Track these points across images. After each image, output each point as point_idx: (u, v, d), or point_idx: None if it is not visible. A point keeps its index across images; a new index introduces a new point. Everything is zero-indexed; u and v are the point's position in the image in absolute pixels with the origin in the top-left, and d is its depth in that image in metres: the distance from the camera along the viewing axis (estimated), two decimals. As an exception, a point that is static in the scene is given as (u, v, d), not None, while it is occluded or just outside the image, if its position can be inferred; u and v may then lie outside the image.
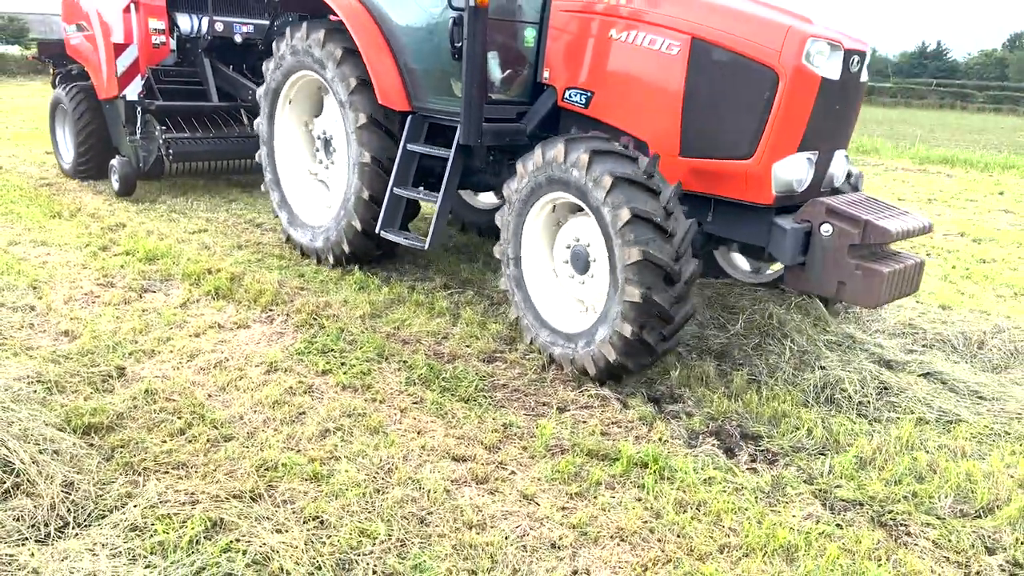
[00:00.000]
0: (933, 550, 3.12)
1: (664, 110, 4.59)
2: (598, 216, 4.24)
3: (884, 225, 4.13)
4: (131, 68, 8.31)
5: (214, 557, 2.71)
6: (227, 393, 4.12)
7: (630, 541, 3.03)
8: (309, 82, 6.40)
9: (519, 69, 5.53)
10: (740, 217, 4.61)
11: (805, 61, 4.14)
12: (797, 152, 4.35)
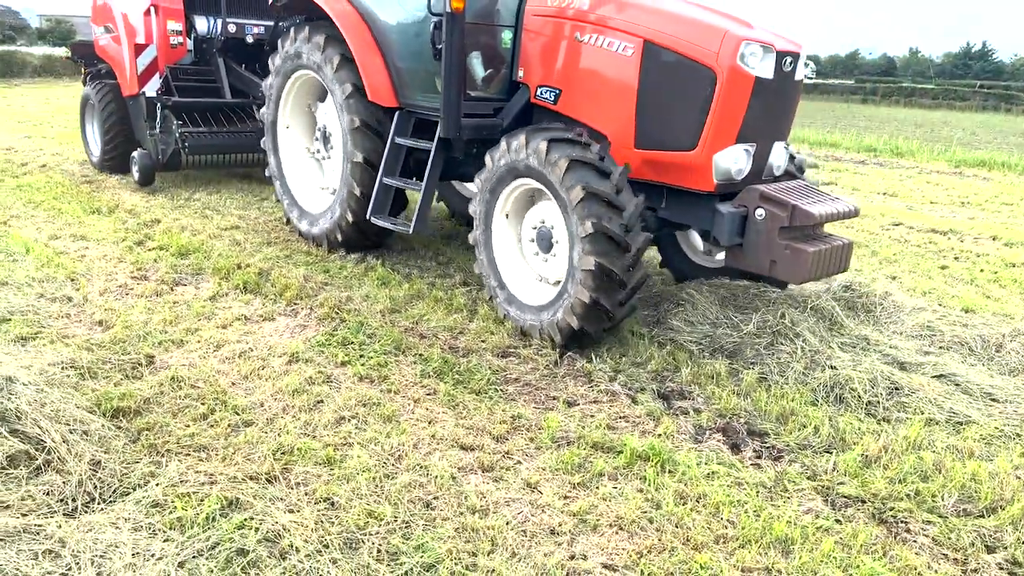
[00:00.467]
0: (932, 547, 3.15)
1: (620, 106, 5.04)
2: (557, 197, 4.75)
3: (809, 209, 4.60)
4: (150, 67, 8.85)
5: (228, 533, 2.86)
6: (249, 381, 4.29)
7: (628, 529, 3.12)
8: (310, 79, 6.85)
9: (497, 68, 5.90)
10: (688, 204, 5.09)
11: (739, 62, 4.59)
12: (735, 144, 4.80)
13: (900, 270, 7.64)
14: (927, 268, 7.73)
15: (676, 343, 5.03)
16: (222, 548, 2.79)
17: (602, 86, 5.14)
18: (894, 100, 64.15)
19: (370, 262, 6.60)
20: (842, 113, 53.47)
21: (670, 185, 5.10)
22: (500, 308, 5.36)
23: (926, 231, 9.62)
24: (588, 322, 4.71)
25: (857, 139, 19.61)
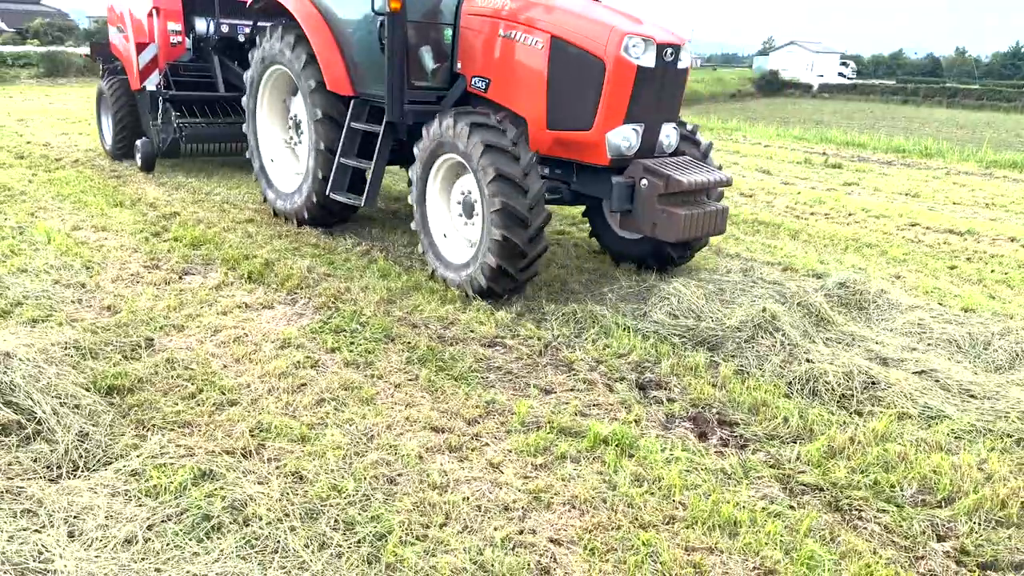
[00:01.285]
0: (882, 534, 3.21)
1: (535, 93, 5.77)
2: (475, 173, 5.52)
3: (680, 178, 5.40)
4: (151, 63, 9.68)
5: (197, 501, 3.04)
6: (240, 364, 4.48)
7: (580, 508, 3.23)
8: (283, 73, 7.58)
9: (439, 61, 6.52)
10: (591, 177, 5.89)
11: (623, 53, 5.33)
12: (624, 124, 5.55)
13: (907, 269, 7.59)
14: (935, 268, 7.68)
15: (659, 335, 5.11)
16: (189, 514, 2.97)
17: (520, 75, 5.88)
18: (936, 101, 62.90)
19: (373, 255, 6.79)
20: (881, 114, 52.64)
21: (578, 161, 5.90)
22: (431, 263, 6.17)
23: (942, 231, 9.51)
24: (495, 283, 5.57)
25: (886, 140, 19.30)
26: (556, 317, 5.46)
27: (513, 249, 5.40)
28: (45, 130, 14.14)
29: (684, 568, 2.87)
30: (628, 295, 5.78)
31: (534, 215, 5.42)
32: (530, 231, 5.43)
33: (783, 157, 16.10)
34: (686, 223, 5.35)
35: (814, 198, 11.21)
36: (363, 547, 2.87)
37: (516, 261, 5.48)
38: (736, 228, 8.99)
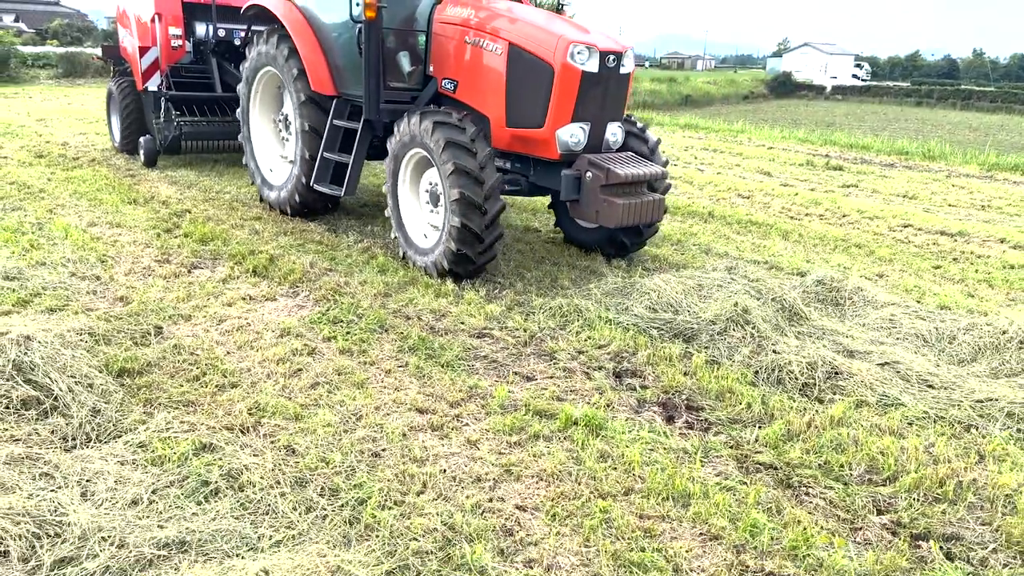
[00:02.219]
0: (825, 507, 3.47)
1: (495, 94, 6.41)
2: (438, 167, 6.09)
3: (617, 170, 5.99)
4: (152, 65, 10.31)
5: (197, 469, 3.36)
6: (242, 351, 4.80)
7: (546, 480, 3.51)
8: (273, 74, 8.17)
9: (415, 65, 7.16)
10: (545, 170, 6.55)
11: (569, 59, 5.98)
12: (572, 123, 6.17)
13: (892, 268, 7.82)
14: (919, 267, 7.89)
15: (639, 328, 5.39)
16: (190, 480, 3.28)
17: (483, 78, 6.51)
18: (950, 103, 62.65)
19: (373, 251, 7.11)
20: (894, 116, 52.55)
21: (534, 156, 6.53)
22: (401, 247, 6.78)
23: (933, 233, 9.71)
24: (456, 265, 6.17)
25: (889, 142, 19.43)
26: (544, 311, 5.75)
27: (471, 235, 5.98)
28: (63, 130, 14.57)
29: (635, 532, 3.15)
30: (613, 290, 6.05)
31: (490, 204, 6.00)
32: (486, 218, 6.00)
33: (786, 159, 16.28)
34: (624, 211, 6.01)
35: (811, 199, 11.43)
36: (345, 510, 3.18)
37: (475, 245, 6.06)
38: (728, 228, 9.24)
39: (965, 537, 3.29)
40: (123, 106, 11.24)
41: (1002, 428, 4.15)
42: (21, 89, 24.31)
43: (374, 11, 6.41)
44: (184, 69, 10.71)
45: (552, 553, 3.01)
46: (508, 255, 7.31)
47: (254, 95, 8.66)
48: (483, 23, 6.49)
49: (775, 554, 3.07)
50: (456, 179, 5.90)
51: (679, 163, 15.14)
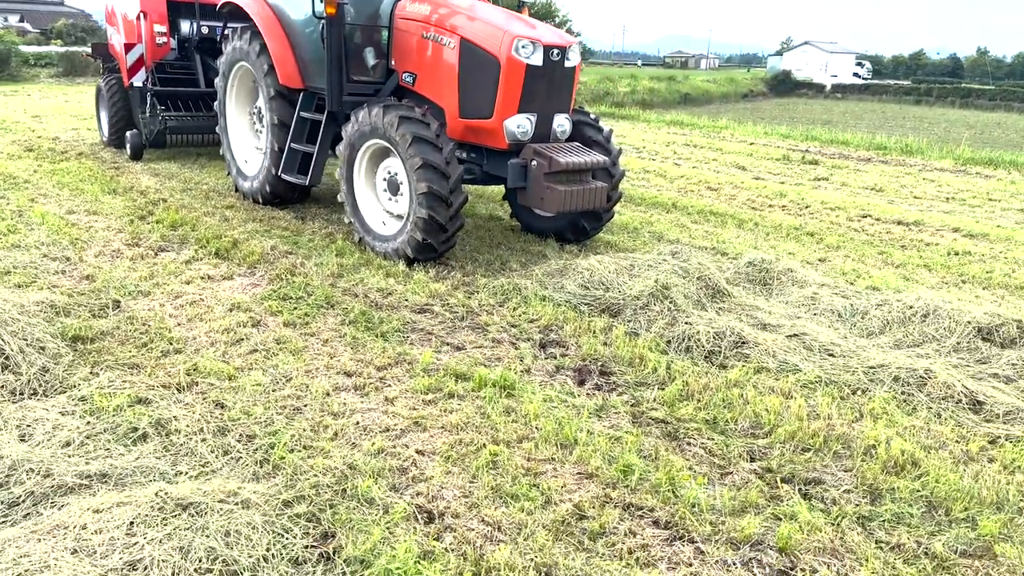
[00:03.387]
0: (701, 454, 3.80)
1: (449, 87, 6.75)
2: (403, 160, 6.36)
3: (559, 159, 6.37)
4: (138, 62, 10.69)
5: (128, 417, 3.71)
6: (192, 323, 5.16)
7: (451, 430, 3.85)
8: (247, 69, 8.52)
9: (379, 59, 7.52)
10: (496, 159, 6.85)
11: (514, 53, 6.34)
12: (518, 113, 6.55)
13: (837, 254, 8.14)
14: (864, 253, 8.21)
15: (570, 304, 5.72)
16: (121, 427, 3.64)
17: (439, 71, 6.85)
18: (949, 101, 62.70)
19: (334, 237, 7.45)
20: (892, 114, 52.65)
21: (486, 146, 6.87)
22: (357, 232, 7.08)
23: (891, 222, 10.02)
24: (420, 253, 6.50)
25: (868, 137, 19.70)
26: (486, 289, 6.08)
27: (437, 225, 6.33)
28: (56, 126, 14.96)
29: (519, 470, 3.49)
30: (553, 271, 6.38)
31: (454, 197, 6.35)
32: (451, 210, 6.35)
33: (764, 154, 16.58)
34: (565, 198, 6.39)
35: (777, 192, 11.74)
36: (258, 453, 3.53)
37: (439, 235, 6.42)
38: (688, 218, 9.56)
39: (825, 481, 3.61)
40: (111, 102, 11.66)
41: (886, 391, 4.47)
42: (21, 87, 24.76)
43: (334, 8, 6.81)
44: (169, 65, 11.15)
45: (439, 487, 3.35)
46: (466, 241, 7.64)
47: (230, 89, 9.03)
48: (438, 19, 6.85)
49: (641, 490, 3.41)
50: (423, 173, 6.19)
51: (658, 157, 15.46)
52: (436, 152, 6.26)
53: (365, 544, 2.87)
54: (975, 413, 4.28)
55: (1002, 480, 3.58)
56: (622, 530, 3.12)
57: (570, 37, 6.94)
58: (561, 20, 31.21)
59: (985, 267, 7.87)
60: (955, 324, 5.21)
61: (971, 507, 3.39)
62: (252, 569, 2.60)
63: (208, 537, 2.62)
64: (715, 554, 3.01)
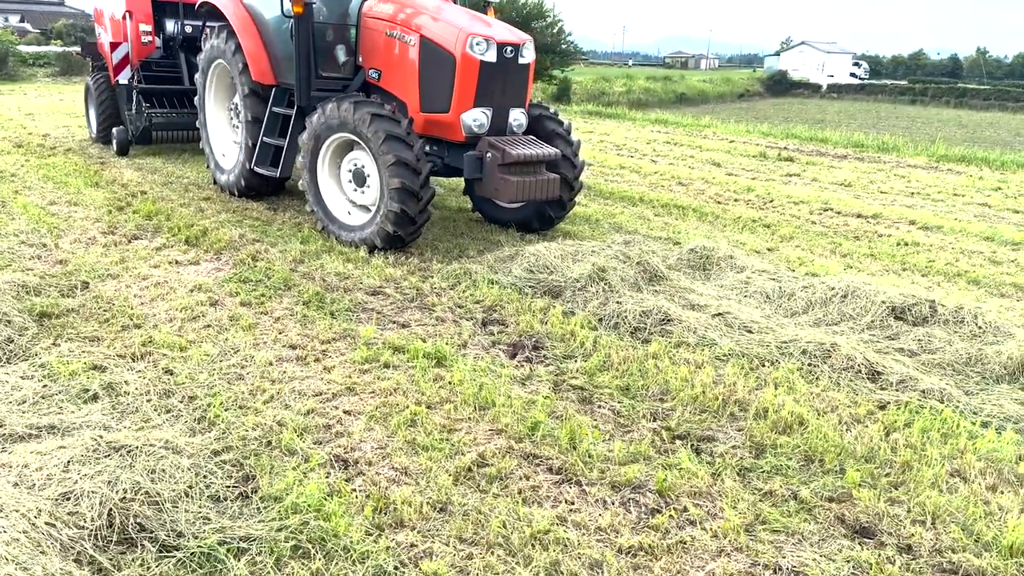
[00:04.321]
0: (608, 415, 4.14)
1: (411, 82, 7.14)
2: (374, 156, 6.65)
3: (511, 151, 6.73)
4: (123, 60, 11.07)
5: (82, 380, 4.06)
6: (154, 302, 5.50)
7: (380, 395, 4.19)
8: (223, 67, 8.78)
9: (348, 56, 7.86)
10: (457, 152, 7.18)
11: (468, 50, 6.70)
12: (474, 108, 6.92)
13: (788, 244, 8.47)
14: (814, 244, 8.53)
15: (516, 287, 6.06)
16: (75, 388, 3.98)
17: (402, 67, 7.23)
18: (944, 101, 62.96)
19: (303, 225, 7.80)
20: (886, 114, 52.96)
21: (446, 139, 7.23)
22: (320, 220, 7.37)
23: (850, 215, 10.33)
24: (389, 243, 6.86)
25: (847, 135, 20.02)
26: (440, 274, 6.43)
27: (407, 218, 6.69)
28: (48, 123, 15.34)
29: (435, 428, 3.83)
30: (504, 257, 6.72)
31: (424, 192, 6.71)
32: (421, 204, 6.72)
33: (742, 151, 16.89)
34: (518, 188, 6.80)
35: (746, 187, 12.06)
36: (196, 412, 3.87)
37: (408, 227, 6.79)
38: (651, 211, 9.88)
39: (717, 438, 3.95)
40: (99, 99, 12.07)
41: (793, 363, 4.80)
42: (18, 86, 25.16)
43: (301, 7, 7.17)
44: (155, 64, 11.51)
45: (358, 441, 3.70)
46: (431, 231, 7.97)
47: (209, 85, 9.37)
48: (401, 17, 7.22)
49: (543, 444, 3.75)
50: (396, 170, 6.50)
51: (636, 155, 15.79)
52: (408, 149, 6.58)
53: (280, 485, 3.22)
54: (872, 382, 4.62)
55: (877, 438, 3.92)
56: (518, 475, 3.47)
57: (524, 35, 7.31)
58: (553, 20, 31.56)
59: (930, 256, 8.20)
60: (871, 304, 5.55)
61: (843, 460, 3.73)
62: (173, 501, 2.94)
63: (135, 473, 2.96)
64: (596, 494, 3.35)
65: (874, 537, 3.19)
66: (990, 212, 11.20)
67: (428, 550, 2.91)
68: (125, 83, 11.13)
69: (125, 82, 11.13)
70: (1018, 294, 6.98)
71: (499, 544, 2.97)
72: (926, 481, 3.57)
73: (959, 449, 3.86)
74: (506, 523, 3.09)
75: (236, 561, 2.75)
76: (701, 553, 3.02)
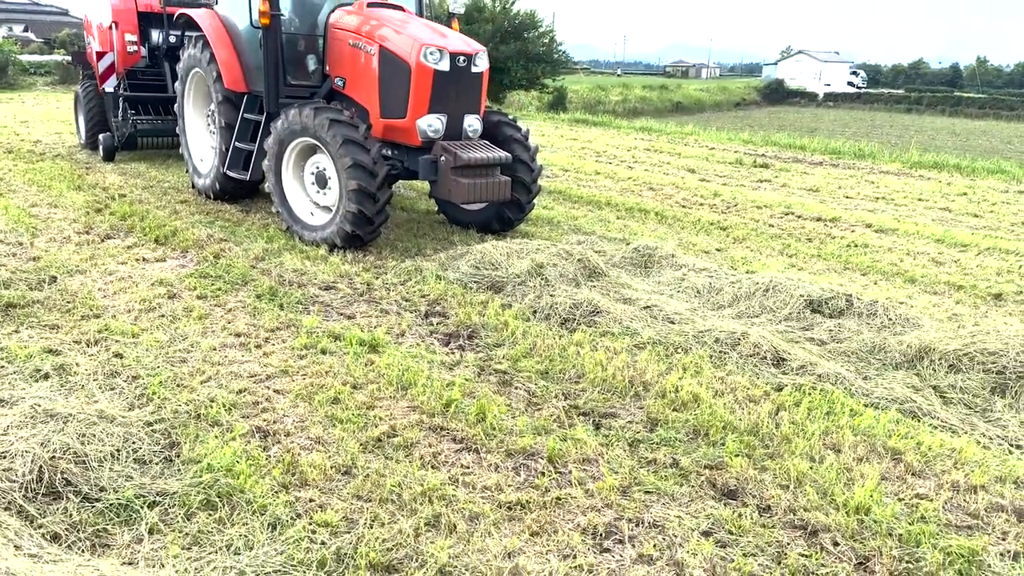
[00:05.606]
0: (523, 394, 4.48)
1: (371, 89, 7.55)
2: (334, 160, 7.07)
3: (462, 155, 7.11)
4: (109, 68, 11.49)
5: (35, 362, 4.41)
6: (116, 295, 5.86)
7: (311, 377, 4.54)
8: (200, 75, 9.12)
9: (316, 65, 8.31)
10: (415, 156, 7.50)
11: (422, 59, 7.14)
12: (429, 114, 7.32)
13: (738, 245, 8.80)
14: (763, 244, 8.87)
15: (460, 282, 6.42)
16: (28, 368, 4.34)
17: (363, 76, 7.62)
18: (939, 110, 63.39)
19: (270, 226, 8.17)
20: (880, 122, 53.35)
21: (404, 144, 7.59)
22: (285, 221, 7.78)
23: (809, 219, 10.66)
24: (348, 243, 7.24)
25: (823, 142, 20.37)
26: (393, 271, 6.78)
27: (365, 219, 7.07)
28: (42, 130, 15.76)
29: (357, 405, 4.18)
30: (454, 255, 7.08)
31: (381, 193, 7.08)
32: (378, 205, 7.08)
33: (719, 158, 17.24)
34: (470, 189, 7.17)
35: (713, 192, 12.41)
36: (137, 390, 4.22)
37: (366, 227, 7.16)
38: (613, 214, 10.23)
39: (619, 415, 4.29)
40: (87, 107, 12.52)
41: (705, 350, 5.14)
42: (17, 95, 25.69)
43: (268, 19, 7.62)
44: (140, 72, 11.96)
45: (283, 414, 4.05)
46: (392, 232, 8.34)
47: (188, 92, 9.78)
48: (366, 30, 7.63)
49: (453, 418, 4.09)
50: (353, 172, 6.88)
51: (614, 161, 16.15)
52: (364, 153, 6.96)
53: (201, 450, 3.57)
54: (776, 367, 4.95)
55: (764, 415, 4.25)
56: (423, 444, 3.81)
57: (477, 45, 7.69)
58: (545, 30, 31.96)
59: (875, 257, 8.53)
60: (790, 297, 5.88)
61: (726, 433, 4.07)
62: (99, 461, 3.29)
63: (66, 436, 3.31)
64: (491, 460, 3.70)
65: (737, 498, 3.53)
66: (949, 216, 11.51)
67: (324, 504, 3.25)
68: (111, 91, 11.59)
69: (111, 90, 11.59)
70: (950, 291, 7.30)
71: (390, 500, 3.31)
72: (799, 452, 3.90)
73: (838, 425, 4.20)
74: (401, 483, 3.43)
75: (149, 511, 3.10)
76: (573, 509, 3.36)
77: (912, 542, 3.23)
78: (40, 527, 2.93)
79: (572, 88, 43.80)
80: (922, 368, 4.97)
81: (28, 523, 2.92)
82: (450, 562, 2.93)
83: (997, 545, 3.27)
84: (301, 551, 2.92)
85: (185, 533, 3.01)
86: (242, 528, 3.04)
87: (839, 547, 3.21)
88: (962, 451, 4.01)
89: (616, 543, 3.16)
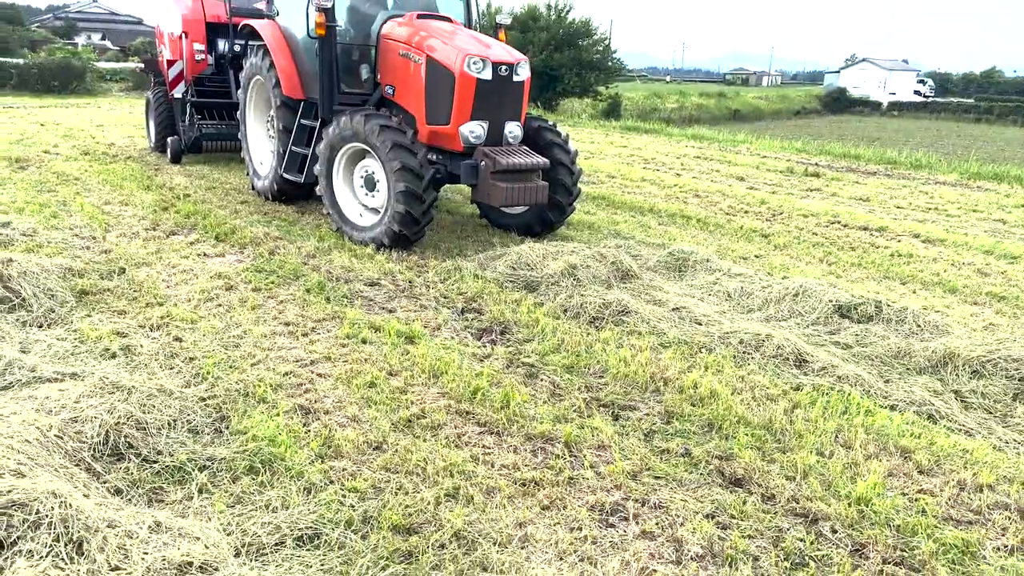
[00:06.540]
0: (547, 386, 4.73)
1: (418, 97, 7.92)
2: (382, 162, 7.45)
3: (501, 160, 7.45)
4: (178, 76, 12.19)
5: (105, 343, 4.85)
6: (179, 285, 6.33)
7: (352, 364, 4.87)
8: (263, 83, 9.60)
9: (368, 73, 8.67)
10: (457, 161, 7.83)
11: (466, 68, 7.48)
12: (471, 121, 7.67)
13: (779, 252, 8.88)
14: (803, 252, 8.92)
15: (497, 281, 6.70)
16: (98, 348, 4.78)
17: (411, 84, 7.98)
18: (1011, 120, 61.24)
19: (324, 225, 8.60)
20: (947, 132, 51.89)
21: (449, 149, 7.91)
22: (335, 222, 8.17)
23: (855, 228, 10.64)
24: (395, 243, 7.59)
25: (879, 152, 20.05)
26: (434, 270, 7.11)
27: (412, 219, 7.42)
28: (116, 134, 16.67)
29: (391, 389, 4.49)
30: (494, 255, 7.37)
31: (427, 194, 7.45)
32: (424, 206, 7.45)
33: (770, 167, 17.17)
34: (507, 194, 7.42)
35: (759, 200, 12.43)
36: (194, 370, 4.62)
37: (413, 227, 7.51)
38: (655, 220, 10.40)
39: (638, 408, 4.51)
40: (157, 112, 13.32)
41: (729, 350, 5.30)
42: (93, 100, 27.09)
43: (324, 29, 8.04)
44: (207, 79, 12.66)
45: (323, 395, 4.39)
46: (438, 234, 8.69)
47: (249, 99, 10.33)
48: (415, 40, 8.01)
49: (480, 403, 4.37)
50: (401, 175, 7.28)
51: (663, 168, 16.25)
52: (412, 156, 7.36)
53: (248, 423, 3.92)
54: (797, 368, 5.09)
55: (779, 411, 4.41)
56: (449, 425, 4.10)
57: (519, 55, 8.01)
58: (599, 38, 32.18)
59: (918, 267, 8.51)
60: (819, 302, 6.00)
61: (739, 427, 4.24)
62: (158, 429, 3.67)
63: (130, 405, 3.70)
64: (511, 442, 3.96)
65: (743, 486, 3.71)
66: (1003, 228, 11.32)
67: (355, 473, 3.57)
68: (180, 97, 12.30)
69: (180, 96, 12.30)
70: (991, 302, 7.27)
71: (415, 472, 3.61)
72: (809, 446, 4.06)
73: (851, 423, 4.33)
74: (426, 458, 3.72)
75: (200, 473, 3.46)
76: (584, 488, 3.60)
77: (909, 532, 3.37)
78: (105, 482, 3.31)
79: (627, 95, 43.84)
80: (945, 374, 5.04)
81: (95, 478, 3.30)
82: (465, 528, 3.20)
83: (995, 540, 3.38)
84: (331, 512, 3.23)
85: (230, 493, 3.36)
86: (280, 491, 3.37)
87: (836, 534, 3.37)
88: (974, 452, 4.10)
89: (621, 520, 3.39)
